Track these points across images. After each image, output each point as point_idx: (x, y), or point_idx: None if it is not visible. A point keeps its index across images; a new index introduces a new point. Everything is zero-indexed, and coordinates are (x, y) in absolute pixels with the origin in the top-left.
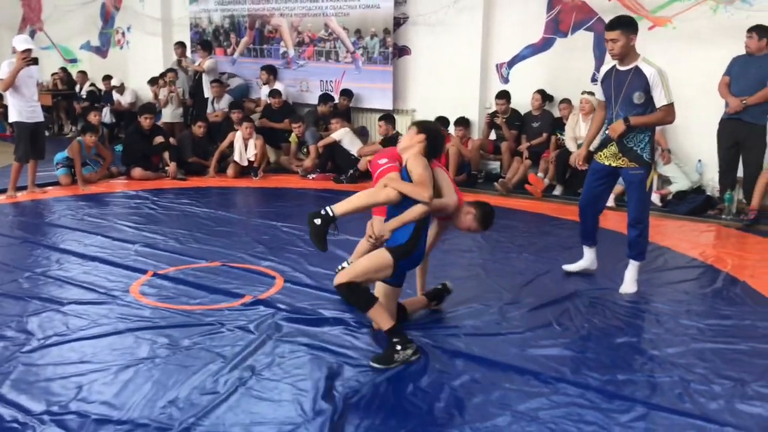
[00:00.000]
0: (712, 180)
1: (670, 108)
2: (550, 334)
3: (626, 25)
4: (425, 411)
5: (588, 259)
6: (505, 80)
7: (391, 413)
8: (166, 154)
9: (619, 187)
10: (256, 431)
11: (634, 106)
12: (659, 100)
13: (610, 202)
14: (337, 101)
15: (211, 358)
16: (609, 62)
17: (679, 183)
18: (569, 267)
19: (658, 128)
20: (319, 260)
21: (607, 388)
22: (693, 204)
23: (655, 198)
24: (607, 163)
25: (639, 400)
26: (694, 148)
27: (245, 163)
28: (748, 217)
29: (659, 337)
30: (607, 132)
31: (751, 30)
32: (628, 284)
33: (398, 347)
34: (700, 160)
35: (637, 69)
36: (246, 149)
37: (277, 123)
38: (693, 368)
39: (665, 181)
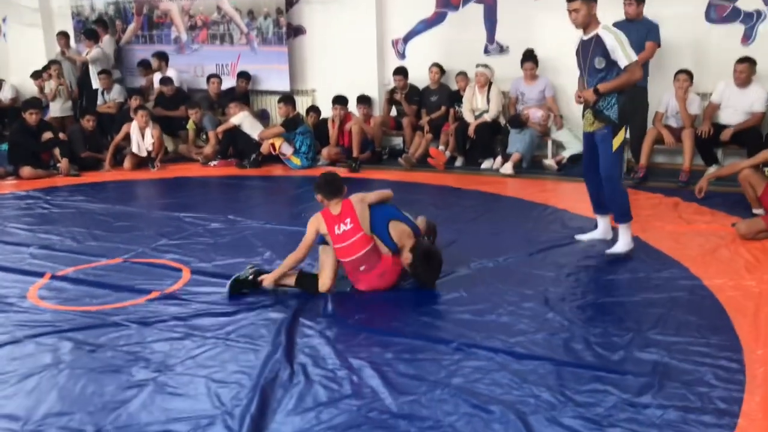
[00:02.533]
0: None
1: (633, 66)
2: (460, 302)
3: None
4: (344, 390)
5: (602, 228)
6: (402, 56)
7: (311, 397)
8: (57, 151)
9: (516, 155)
10: (172, 428)
11: (597, 71)
12: (621, 62)
13: (507, 170)
14: (234, 84)
15: (120, 358)
16: (581, 36)
17: (573, 147)
18: (582, 237)
19: (548, 95)
20: (226, 250)
21: (515, 350)
22: None
23: (551, 163)
24: (590, 131)
25: (545, 357)
26: None
27: (144, 154)
28: (637, 175)
29: (561, 296)
30: (576, 103)
31: None
32: (618, 245)
33: None
34: None
35: (598, 37)
36: (143, 139)
37: (171, 111)
38: (594, 322)
39: (559, 146)
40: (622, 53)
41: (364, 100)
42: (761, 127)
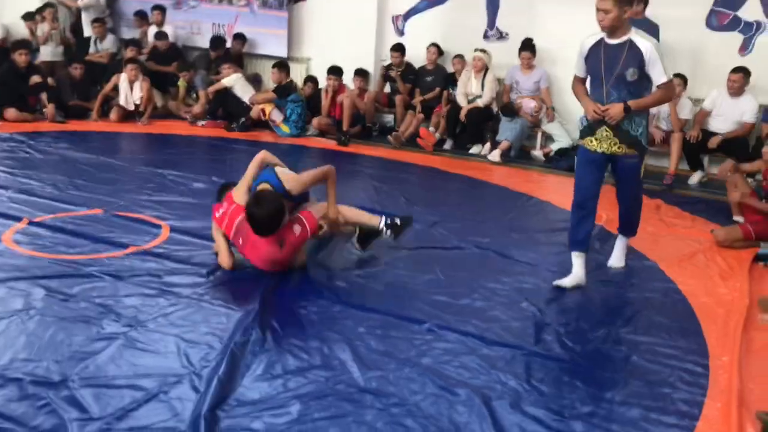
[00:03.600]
0: None
1: (670, 84)
2: (436, 284)
3: None
4: (313, 360)
5: (578, 273)
6: (401, 33)
7: (280, 364)
8: (44, 95)
9: (505, 143)
10: (139, 383)
11: (626, 83)
12: (658, 78)
13: (495, 157)
14: (229, 45)
15: (92, 310)
16: (593, 36)
17: (562, 141)
18: (562, 282)
19: (543, 86)
20: (207, 210)
21: (487, 335)
22: (573, 161)
23: (538, 154)
24: (600, 151)
25: (516, 345)
26: (576, 105)
27: (131, 107)
28: None
29: (537, 288)
30: (592, 118)
31: None
32: (617, 258)
33: None
34: (581, 118)
35: (632, 43)
36: (132, 92)
37: (164, 66)
38: (567, 315)
39: (548, 138)
40: (662, 67)
41: (361, 73)
42: (749, 137)
